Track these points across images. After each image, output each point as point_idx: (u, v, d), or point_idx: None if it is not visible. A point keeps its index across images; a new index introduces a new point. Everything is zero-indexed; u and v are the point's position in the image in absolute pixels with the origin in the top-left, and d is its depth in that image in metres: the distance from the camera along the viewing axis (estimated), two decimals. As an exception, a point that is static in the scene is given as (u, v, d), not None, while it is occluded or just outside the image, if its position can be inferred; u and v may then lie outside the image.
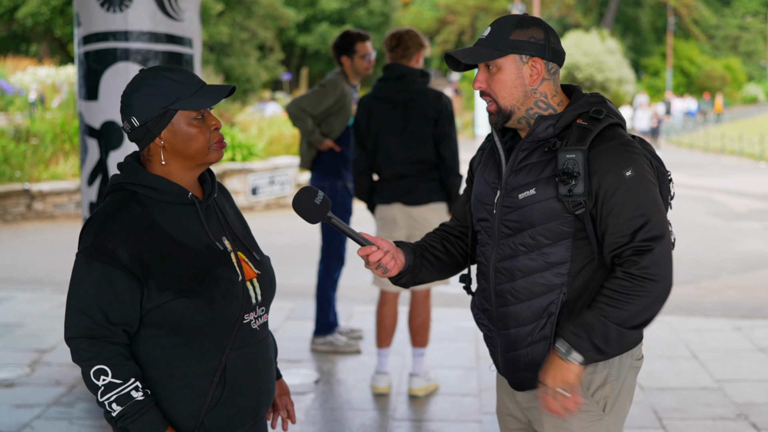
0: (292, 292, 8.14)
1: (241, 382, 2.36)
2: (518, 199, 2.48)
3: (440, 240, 2.76)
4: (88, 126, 5.61)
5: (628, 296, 2.38)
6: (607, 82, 46.41)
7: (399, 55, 5.44)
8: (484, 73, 2.53)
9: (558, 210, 2.43)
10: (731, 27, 68.30)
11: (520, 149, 2.51)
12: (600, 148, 2.42)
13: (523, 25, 2.50)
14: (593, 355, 2.40)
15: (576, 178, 2.39)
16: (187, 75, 2.34)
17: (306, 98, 6.25)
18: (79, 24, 5.61)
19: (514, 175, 2.51)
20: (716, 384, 5.69)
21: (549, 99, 2.52)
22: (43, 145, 14.38)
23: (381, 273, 2.54)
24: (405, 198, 5.38)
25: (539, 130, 2.48)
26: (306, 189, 2.47)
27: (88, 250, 2.27)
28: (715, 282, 9.33)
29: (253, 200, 14.75)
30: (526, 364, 2.54)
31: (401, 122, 5.37)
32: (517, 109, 2.51)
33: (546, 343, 2.50)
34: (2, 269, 9.64)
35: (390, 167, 5.41)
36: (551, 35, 2.53)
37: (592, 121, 2.46)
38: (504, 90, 2.50)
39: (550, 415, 2.55)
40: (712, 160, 29.06)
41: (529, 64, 2.49)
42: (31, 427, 4.90)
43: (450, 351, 6.39)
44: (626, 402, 2.60)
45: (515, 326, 2.54)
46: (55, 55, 37.08)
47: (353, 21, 47.37)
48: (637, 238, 2.38)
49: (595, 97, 2.54)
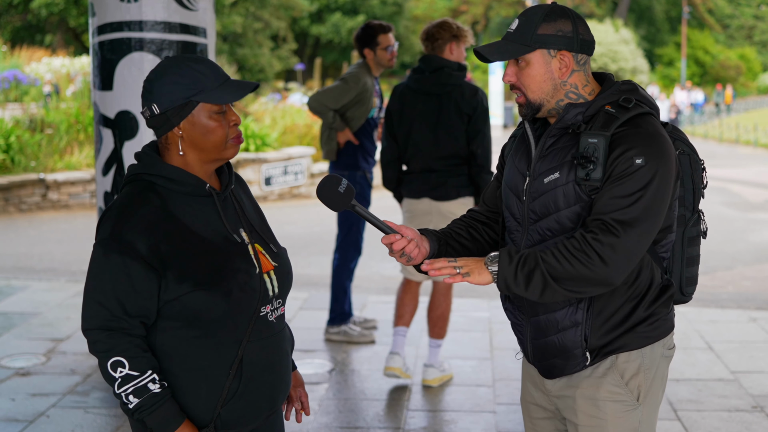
0: (306, 282, 8.15)
1: (257, 374, 2.36)
2: (544, 183, 2.48)
3: (466, 227, 2.73)
4: (102, 116, 5.61)
5: (572, 256, 2.35)
6: (621, 71, 46.24)
7: (430, 47, 5.40)
8: (513, 67, 2.52)
9: (579, 193, 2.43)
10: (746, 16, 67.86)
11: (548, 135, 2.51)
12: (623, 133, 2.40)
13: (551, 17, 2.48)
14: (504, 281, 2.39)
15: (594, 162, 2.38)
16: (212, 67, 2.34)
17: (327, 93, 6.24)
18: (93, 14, 5.61)
19: (541, 161, 2.51)
20: (732, 375, 5.67)
21: (580, 89, 2.51)
22: (58, 135, 14.42)
23: (405, 261, 2.53)
24: (433, 193, 5.35)
25: (569, 117, 2.47)
26: (330, 177, 2.48)
27: (105, 241, 2.27)
28: (730, 273, 9.30)
29: (267, 190, 14.77)
30: (557, 351, 2.53)
31: (434, 115, 5.33)
32: (547, 101, 2.51)
33: (578, 329, 2.49)
34: (18, 259, 9.68)
35: (420, 160, 5.39)
36: (579, 26, 2.51)
37: (620, 109, 2.44)
38: (534, 84, 2.50)
39: (584, 404, 2.55)
40: (726, 150, 28.91)
41: (558, 58, 2.48)
42: (46, 415, 4.92)
43: (464, 341, 6.39)
44: (659, 391, 2.60)
45: (545, 312, 2.53)
46: (69, 46, 37.19)
47: (366, 11, 47.31)
48: (609, 216, 2.36)
49: (627, 85, 2.52)
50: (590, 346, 2.50)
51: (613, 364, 2.53)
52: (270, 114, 17.85)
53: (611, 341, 2.51)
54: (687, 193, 2.57)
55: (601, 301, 2.48)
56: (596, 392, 2.54)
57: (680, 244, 2.59)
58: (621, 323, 2.50)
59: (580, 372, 2.55)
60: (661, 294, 2.55)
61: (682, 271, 2.61)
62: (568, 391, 2.59)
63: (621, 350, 2.51)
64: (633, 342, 2.51)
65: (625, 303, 2.50)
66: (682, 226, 2.58)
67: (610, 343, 2.51)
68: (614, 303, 2.49)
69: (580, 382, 2.56)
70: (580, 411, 2.56)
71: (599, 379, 2.54)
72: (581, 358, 2.52)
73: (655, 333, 2.54)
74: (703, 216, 2.60)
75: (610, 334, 2.50)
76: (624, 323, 2.50)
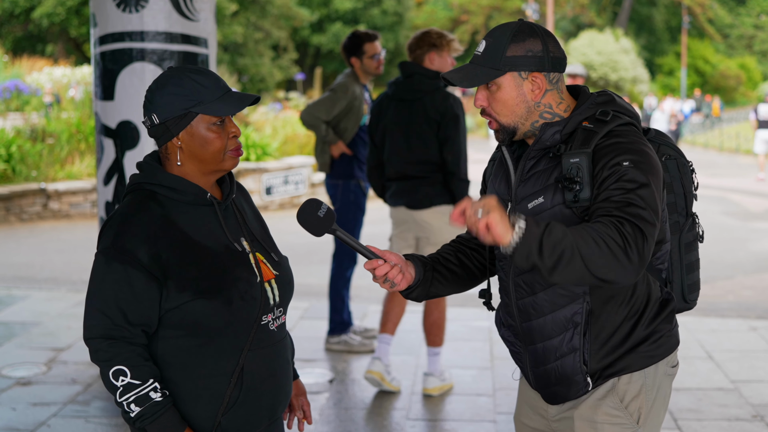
0: (307, 292, 8.15)
1: (258, 383, 2.37)
2: (528, 209, 2.39)
3: (455, 252, 2.64)
4: (104, 126, 5.63)
5: (600, 239, 2.15)
6: (621, 81, 46.25)
7: (412, 57, 5.45)
8: (484, 91, 2.42)
9: (568, 216, 2.34)
10: (746, 26, 67.92)
11: (527, 158, 2.43)
12: (603, 145, 2.32)
13: (519, 37, 2.39)
14: (526, 245, 2.13)
15: (580, 183, 2.29)
16: (213, 79, 2.35)
17: (318, 105, 6.33)
18: (95, 24, 5.64)
19: (523, 185, 2.43)
20: (732, 385, 5.67)
21: (554, 108, 2.43)
22: (59, 144, 14.45)
23: (388, 287, 2.45)
24: (408, 201, 5.36)
25: (546, 138, 2.39)
26: (310, 201, 2.41)
27: (107, 250, 2.29)
28: (730, 282, 9.30)
29: (268, 200, 14.78)
30: (557, 378, 2.47)
31: (405, 121, 5.37)
32: (521, 124, 2.42)
33: (576, 354, 2.42)
34: (19, 268, 9.69)
35: (394, 166, 5.43)
36: (549, 43, 2.41)
37: (598, 123, 2.37)
38: (506, 108, 2.41)
39: (582, 426, 2.48)
40: (726, 159, 28.92)
41: (529, 80, 2.39)
42: (47, 425, 4.92)
43: (464, 351, 6.39)
44: (661, 410, 2.53)
45: (542, 340, 2.46)
46: (70, 56, 37.24)
47: (367, 21, 47.36)
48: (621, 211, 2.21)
49: (603, 97, 2.43)
50: (590, 369, 2.43)
51: (614, 386, 2.45)
52: (271, 123, 17.88)
53: (612, 363, 2.43)
54: (678, 198, 2.51)
55: (598, 324, 2.41)
56: (594, 414, 2.46)
57: (678, 252, 2.53)
58: (621, 344, 2.43)
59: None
60: (662, 309, 2.48)
61: (683, 279, 2.55)
62: (568, 413, 2.53)
63: (623, 372, 2.44)
64: (635, 363, 2.44)
65: (623, 322, 2.42)
66: (677, 232, 2.51)
67: (611, 365, 2.43)
68: (611, 323, 2.41)
69: (579, 403, 2.50)
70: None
71: (598, 401, 2.46)
72: (583, 383, 2.45)
73: (659, 351, 2.47)
74: (697, 219, 2.53)
75: (610, 355, 2.43)
76: (624, 344, 2.43)
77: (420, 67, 5.37)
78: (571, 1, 55.44)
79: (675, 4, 61.44)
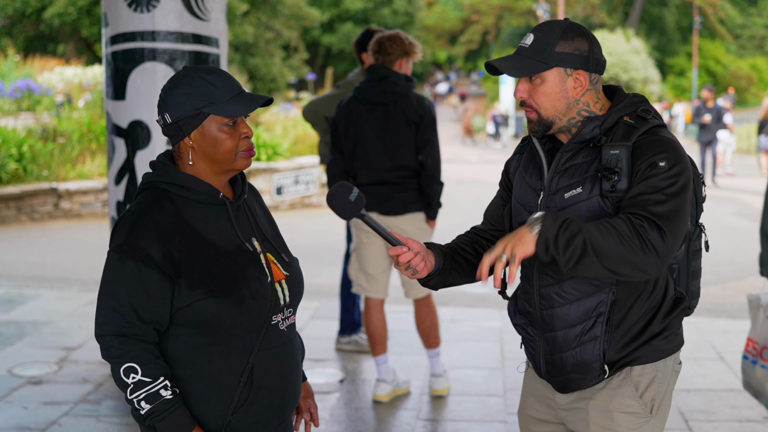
0: (317, 292, 8.16)
1: (268, 382, 2.37)
2: (564, 199, 2.46)
3: (471, 243, 2.70)
4: (115, 125, 5.65)
5: (618, 235, 2.27)
6: (632, 81, 46.16)
7: (380, 60, 5.29)
8: (527, 84, 2.50)
9: (604, 207, 2.41)
10: (758, 26, 67.68)
11: (564, 150, 2.50)
12: (643, 141, 2.40)
13: (568, 35, 2.48)
14: (545, 241, 2.28)
15: (618, 173, 2.37)
16: (226, 80, 2.36)
17: (320, 101, 6.36)
18: (106, 24, 5.65)
19: (558, 176, 2.49)
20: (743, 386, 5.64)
21: (592, 107, 2.51)
22: (70, 144, 14.49)
23: (410, 274, 2.51)
24: (381, 207, 5.23)
25: (585, 131, 2.47)
26: (341, 185, 2.45)
27: (120, 248, 2.29)
28: (741, 283, 9.26)
29: (278, 200, 14.79)
30: (575, 366, 2.52)
31: (381, 125, 5.22)
32: (559, 119, 2.50)
33: (596, 342, 2.48)
34: (30, 268, 9.72)
35: (368, 172, 5.24)
36: (594, 45, 2.51)
37: (639, 119, 2.45)
38: (547, 102, 2.48)
39: (597, 416, 2.53)
40: (737, 160, 28.81)
41: (573, 77, 2.48)
42: (59, 424, 4.94)
43: (475, 351, 6.39)
44: (667, 406, 2.59)
45: (562, 328, 2.51)
46: (82, 55, 37.38)
47: (377, 21, 47.41)
48: (647, 209, 2.31)
49: (638, 97, 2.53)
50: (608, 359, 2.49)
51: (627, 376, 2.52)
52: (281, 123, 17.89)
53: (627, 354, 2.50)
54: (691, 206, 2.54)
55: (620, 314, 2.47)
56: (610, 404, 2.52)
57: (686, 258, 2.58)
58: (637, 336, 2.49)
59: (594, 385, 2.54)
60: (675, 306, 2.54)
61: (688, 285, 2.61)
62: (580, 403, 2.57)
63: (635, 363, 2.50)
64: (648, 355, 2.51)
65: (642, 315, 2.49)
66: (687, 240, 2.56)
67: (626, 356, 2.50)
68: (633, 315, 2.48)
69: (594, 394, 2.54)
70: (592, 422, 2.55)
71: (613, 391, 2.52)
72: (599, 371, 2.50)
73: (669, 347, 2.54)
74: (703, 229, 2.58)
75: (627, 347, 2.49)
76: (640, 336, 2.50)
77: (392, 71, 5.25)
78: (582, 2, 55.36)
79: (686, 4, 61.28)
